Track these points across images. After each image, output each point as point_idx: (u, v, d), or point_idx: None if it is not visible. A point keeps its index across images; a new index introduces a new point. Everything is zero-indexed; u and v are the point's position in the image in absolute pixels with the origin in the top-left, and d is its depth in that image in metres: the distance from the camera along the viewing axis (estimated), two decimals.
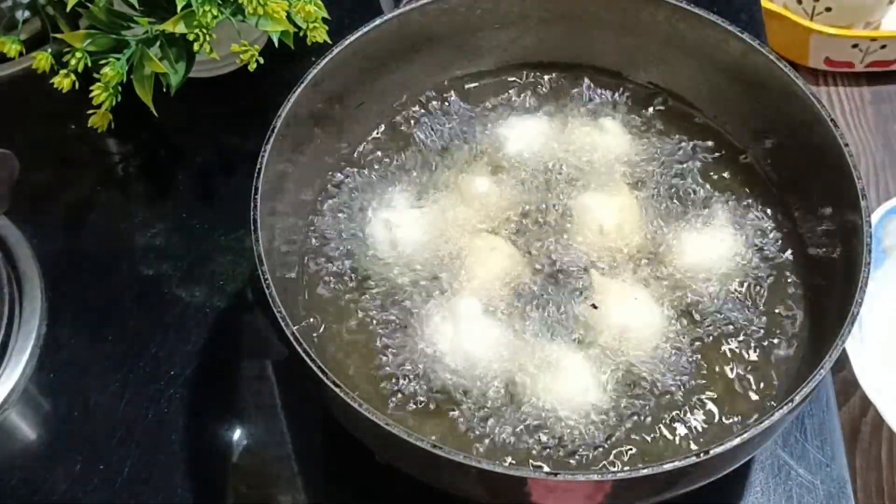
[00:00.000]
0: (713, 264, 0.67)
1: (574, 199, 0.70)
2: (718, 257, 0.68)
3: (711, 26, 0.71)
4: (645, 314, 0.64)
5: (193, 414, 0.72)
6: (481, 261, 0.67)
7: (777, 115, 0.70)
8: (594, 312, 0.64)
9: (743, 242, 0.69)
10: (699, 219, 0.69)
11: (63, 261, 0.80)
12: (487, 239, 0.68)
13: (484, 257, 0.67)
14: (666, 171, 0.72)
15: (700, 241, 0.68)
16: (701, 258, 0.68)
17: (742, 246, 0.68)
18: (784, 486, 0.69)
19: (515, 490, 0.54)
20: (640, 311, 0.64)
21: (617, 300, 0.64)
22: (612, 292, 0.65)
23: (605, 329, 0.63)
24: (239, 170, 0.85)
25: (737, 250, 0.68)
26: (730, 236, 0.68)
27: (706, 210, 0.70)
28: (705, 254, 0.68)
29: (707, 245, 0.68)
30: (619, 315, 0.64)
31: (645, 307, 0.65)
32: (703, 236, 0.68)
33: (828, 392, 0.73)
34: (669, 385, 0.62)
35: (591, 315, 0.64)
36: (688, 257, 0.68)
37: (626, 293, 0.65)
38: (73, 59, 0.74)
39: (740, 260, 0.68)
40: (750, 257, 0.68)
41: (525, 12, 0.76)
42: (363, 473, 0.68)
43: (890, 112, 1.44)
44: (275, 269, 0.62)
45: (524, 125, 0.74)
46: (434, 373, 0.62)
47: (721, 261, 0.68)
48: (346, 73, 0.71)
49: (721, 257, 0.68)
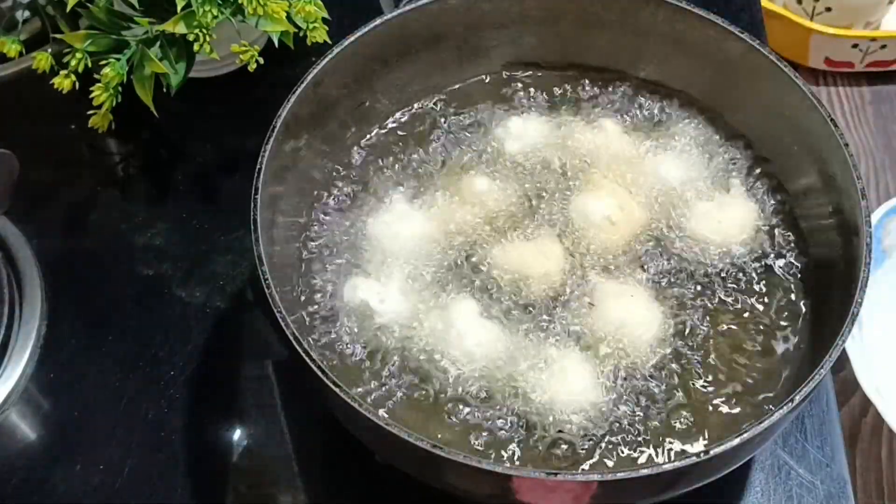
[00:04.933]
0: (713, 264, 0.67)
1: (574, 198, 0.70)
2: (718, 257, 0.68)
3: (711, 26, 0.71)
4: (643, 312, 0.64)
5: (193, 414, 0.72)
6: (481, 261, 0.67)
7: (777, 115, 0.70)
8: (592, 311, 0.64)
9: (743, 242, 0.69)
10: (699, 218, 0.69)
11: (63, 261, 0.80)
12: (487, 239, 0.68)
13: (483, 257, 0.67)
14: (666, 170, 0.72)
15: (700, 241, 0.68)
16: (701, 257, 0.68)
17: (742, 245, 0.68)
18: (784, 486, 0.69)
19: (515, 490, 0.54)
20: (637, 309, 0.64)
21: (615, 298, 0.64)
22: (611, 291, 0.65)
23: (603, 328, 0.63)
24: (239, 170, 0.85)
25: (736, 249, 0.68)
26: (729, 236, 0.68)
27: (706, 210, 0.70)
28: (705, 253, 0.68)
29: (707, 244, 0.68)
30: (618, 313, 0.64)
31: (643, 305, 0.65)
32: (703, 235, 0.68)
33: (828, 392, 0.73)
34: (669, 385, 0.62)
35: (590, 313, 0.64)
36: (687, 256, 0.68)
37: (624, 291, 0.65)
38: (74, 59, 0.74)
39: (740, 259, 0.68)
40: (749, 257, 0.68)
41: (525, 12, 0.76)
42: (363, 473, 0.68)
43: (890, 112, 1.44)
44: (275, 268, 0.62)
45: (524, 125, 0.75)
46: (433, 372, 0.62)
47: (721, 260, 0.68)
48: (346, 73, 0.71)
49: (721, 257, 0.68)
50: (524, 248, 0.68)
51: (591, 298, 0.65)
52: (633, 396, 0.62)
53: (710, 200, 0.71)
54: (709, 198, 0.71)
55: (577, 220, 0.69)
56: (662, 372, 0.62)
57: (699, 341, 0.64)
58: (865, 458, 1.08)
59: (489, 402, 0.61)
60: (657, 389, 0.62)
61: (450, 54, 0.76)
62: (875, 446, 1.08)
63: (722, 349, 0.64)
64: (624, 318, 0.63)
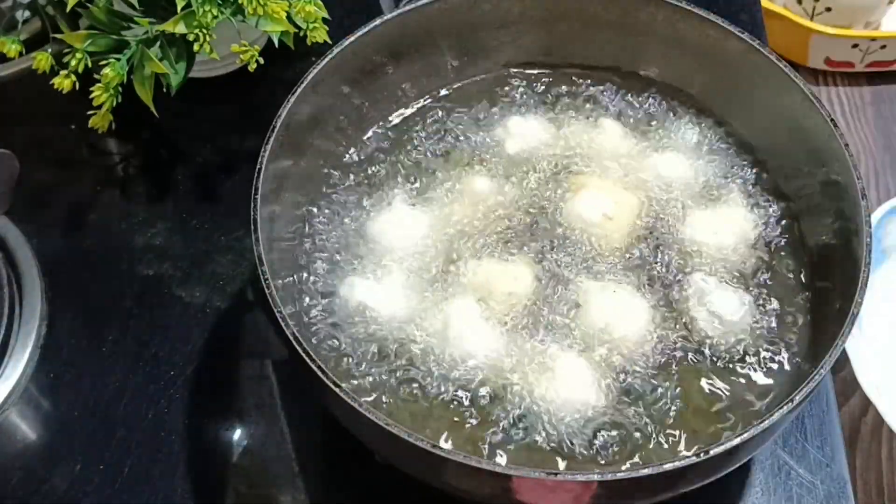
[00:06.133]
0: (713, 263, 0.67)
1: (574, 197, 0.70)
2: (718, 256, 0.68)
3: (711, 26, 0.71)
4: (640, 312, 0.64)
5: (193, 414, 0.72)
6: (480, 260, 0.67)
7: (777, 115, 0.70)
8: (591, 311, 0.64)
9: (742, 242, 0.69)
10: (698, 218, 0.69)
11: (63, 261, 0.80)
12: (486, 238, 0.68)
13: (483, 257, 0.67)
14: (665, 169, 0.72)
15: (699, 240, 0.68)
16: (700, 257, 0.68)
17: (741, 245, 0.68)
18: (784, 486, 0.69)
19: (515, 490, 0.54)
20: (635, 308, 0.64)
21: (613, 299, 0.64)
22: (610, 291, 0.65)
23: (602, 327, 0.63)
24: (239, 170, 0.85)
25: (736, 249, 0.68)
26: (729, 235, 0.68)
27: (705, 209, 0.70)
28: (705, 253, 0.68)
29: (706, 244, 0.68)
30: (615, 313, 0.64)
31: (641, 305, 0.65)
32: (702, 235, 0.68)
33: (828, 392, 0.73)
34: (669, 385, 0.62)
35: (589, 314, 0.64)
36: (687, 256, 0.68)
37: (623, 292, 0.65)
38: (74, 59, 0.74)
39: (739, 259, 0.68)
40: (749, 256, 0.68)
41: (525, 12, 0.76)
42: (363, 473, 0.68)
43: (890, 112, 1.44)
44: (275, 268, 0.62)
45: (524, 125, 0.75)
46: (432, 372, 0.62)
47: (720, 260, 0.68)
48: (346, 73, 0.71)
49: (721, 256, 0.68)
50: (523, 249, 0.68)
51: (590, 298, 0.65)
52: (634, 397, 0.61)
53: (709, 200, 0.71)
54: (707, 197, 0.71)
55: (578, 219, 0.69)
56: (663, 372, 0.62)
57: (698, 341, 0.64)
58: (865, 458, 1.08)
59: (489, 402, 0.61)
60: (658, 389, 0.62)
61: (450, 54, 0.77)
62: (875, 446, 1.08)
63: (721, 349, 0.64)
64: (622, 317, 0.63)
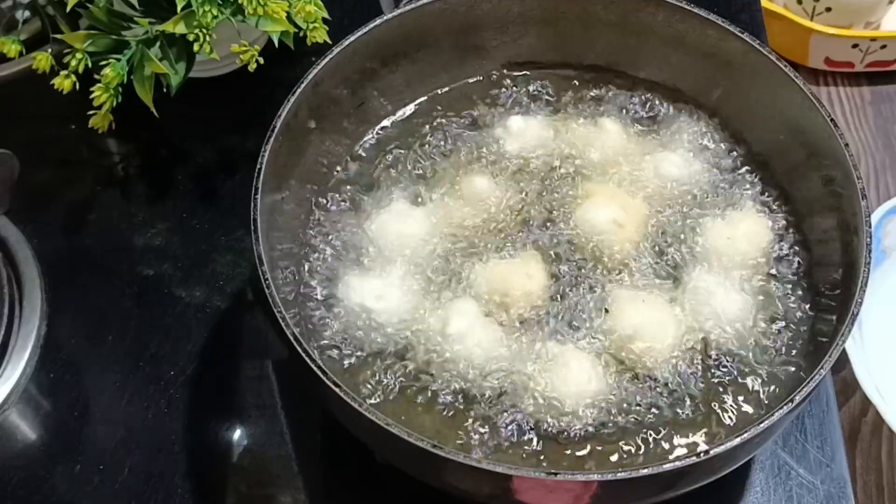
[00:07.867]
0: (713, 263, 0.67)
1: (576, 198, 0.70)
2: (719, 256, 0.68)
3: (711, 26, 0.71)
4: (646, 314, 0.64)
5: (193, 414, 0.72)
6: (482, 261, 0.67)
7: (777, 115, 0.70)
8: (592, 311, 0.64)
9: (741, 242, 0.68)
10: (698, 218, 0.69)
11: (63, 261, 0.80)
12: (487, 239, 0.68)
13: (485, 257, 0.67)
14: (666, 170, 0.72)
15: (700, 240, 0.68)
16: (701, 257, 0.68)
17: (740, 245, 0.68)
18: (784, 486, 0.69)
19: (515, 490, 0.54)
20: (640, 310, 0.64)
21: (619, 301, 0.64)
22: (612, 292, 0.65)
23: (600, 327, 0.64)
24: (239, 170, 0.85)
25: (735, 249, 0.68)
26: (727, 235, 0.68)
27: (707, 209, 0.70)
28: (705, 253, 0.68)
29: (708, 244, 0.68)
30: (614, 314, 0.64)
31: (646, 307, 0.64)
32: (703, 235, 0.68)
33: (828, 392, 0.73)
34: (671, 385, 0.62)
35: (589, 314, 0.64)
36: (688, 256, 0.68)
37: (627, 294, 0.65)
38: (74, 59, 0.74)
39: (741, 259, 0.68)
40: (748, 256, 0.68)
41: (525, 12, 0.76)
42: (363, 473, 0.68)
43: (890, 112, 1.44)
44: (275, 268, 0.62)
45: (524, 125, 0.74)
46: (433, 372, 0.62)
47: (721, 260, 0.68)
48: (346, 73, 0.71)
49: (720, 256, 0.68)
50: (525, 249, 0.68)
51: (591, 299, 0.65)
52: (635, 397, 0.62)
53: (709, 200, 0.71)
54: (707, 198, 0.71)
55: (579, 219, 0.69)
56: (666, 371, 0.62)
57: (698, 340, 0.64)
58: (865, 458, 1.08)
59: (489, 402, 0.61)
60: (659, 389, 0.62)
61: (450, 54, 0.77)
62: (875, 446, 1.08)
63: (721, 349, 0.64)
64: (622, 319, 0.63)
